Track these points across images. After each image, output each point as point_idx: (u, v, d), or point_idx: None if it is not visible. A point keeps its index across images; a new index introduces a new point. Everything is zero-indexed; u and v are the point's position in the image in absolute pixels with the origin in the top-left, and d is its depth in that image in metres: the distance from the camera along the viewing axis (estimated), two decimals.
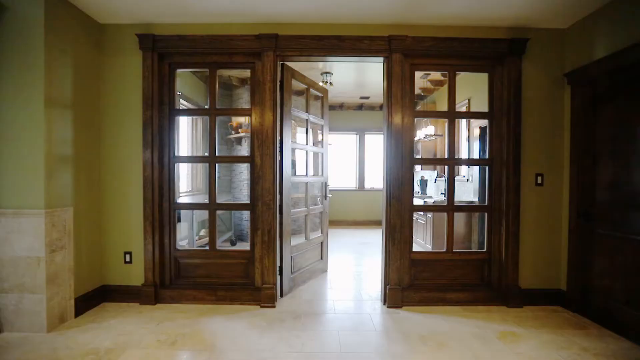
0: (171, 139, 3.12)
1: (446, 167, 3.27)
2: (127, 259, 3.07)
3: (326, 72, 5.50)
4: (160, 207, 3.07)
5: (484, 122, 4.61)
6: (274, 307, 3.01)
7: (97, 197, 3.03)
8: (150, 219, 3.02)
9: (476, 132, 4.74)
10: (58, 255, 2.56)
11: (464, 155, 5.03)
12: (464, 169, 5.45)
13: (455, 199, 5.55)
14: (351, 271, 4.23)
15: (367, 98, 7.27)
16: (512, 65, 3.01)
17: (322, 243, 4.03)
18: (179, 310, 2.93)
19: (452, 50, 3.01)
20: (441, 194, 5.69)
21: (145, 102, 3.00)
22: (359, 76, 5.66)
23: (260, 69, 3.03)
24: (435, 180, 5.74)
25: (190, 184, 5.62)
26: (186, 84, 4.85)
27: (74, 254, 2.73)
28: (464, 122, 5.18)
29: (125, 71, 3.04)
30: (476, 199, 4.63)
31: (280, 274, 3.24)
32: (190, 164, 5.35)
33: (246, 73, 5.27)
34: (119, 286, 3.07)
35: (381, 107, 8.00)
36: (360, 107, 7.96)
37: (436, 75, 5.38)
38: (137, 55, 3.01)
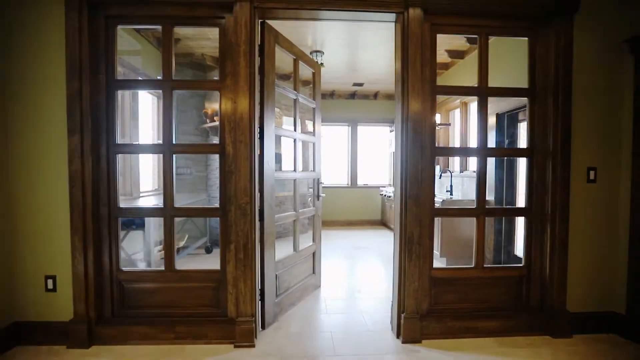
0: (111, 120, 2.29)
1: (476, 159, 2.56)
2: (50, 285, 2.24)
3: (317, 51, 4.75)
4: (96, 214, 2.26)
5: (502, 109, 3.97)
6: (253, 346, 2.25)
7: (4, 203, 2.19)
8: (80, 230, 2.19)
9: (491, 120, 4.09)
10: None
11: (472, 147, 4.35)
12: (473, 164, 4.81)
13: (465, 198, 4.96)
14: (349, 285, 3.51)
15: (360, 85, 6.54)
16: (561, 27, 2.32)
17: (314, 254, 3.28)
18: (123, 356, 2.13)
19: (484, 6, 2.30)
20: (446, 191, 5.04)
21: (70, 70, 2.16)
22: (352, 55, 4.94)
23: (232, 25, 2.24)
24: (441, 176, 5.08)
25: (157, 181, 4.77)
26: (146, 58, 3.99)
27: None
28: (474, 109, 4.52)
29: (42, 28, 2.18)
30: (491, 198, 3.98)
31: (262, 300, 2.49)
32: (156, 156, 4.49)
33: None
34: (39, 323, 2.24)
35: (376, 95, 7.31)
36: (352, 95, 7.24)
37: (455, 44, 4.38)
38: (59, 4, 2.16)
